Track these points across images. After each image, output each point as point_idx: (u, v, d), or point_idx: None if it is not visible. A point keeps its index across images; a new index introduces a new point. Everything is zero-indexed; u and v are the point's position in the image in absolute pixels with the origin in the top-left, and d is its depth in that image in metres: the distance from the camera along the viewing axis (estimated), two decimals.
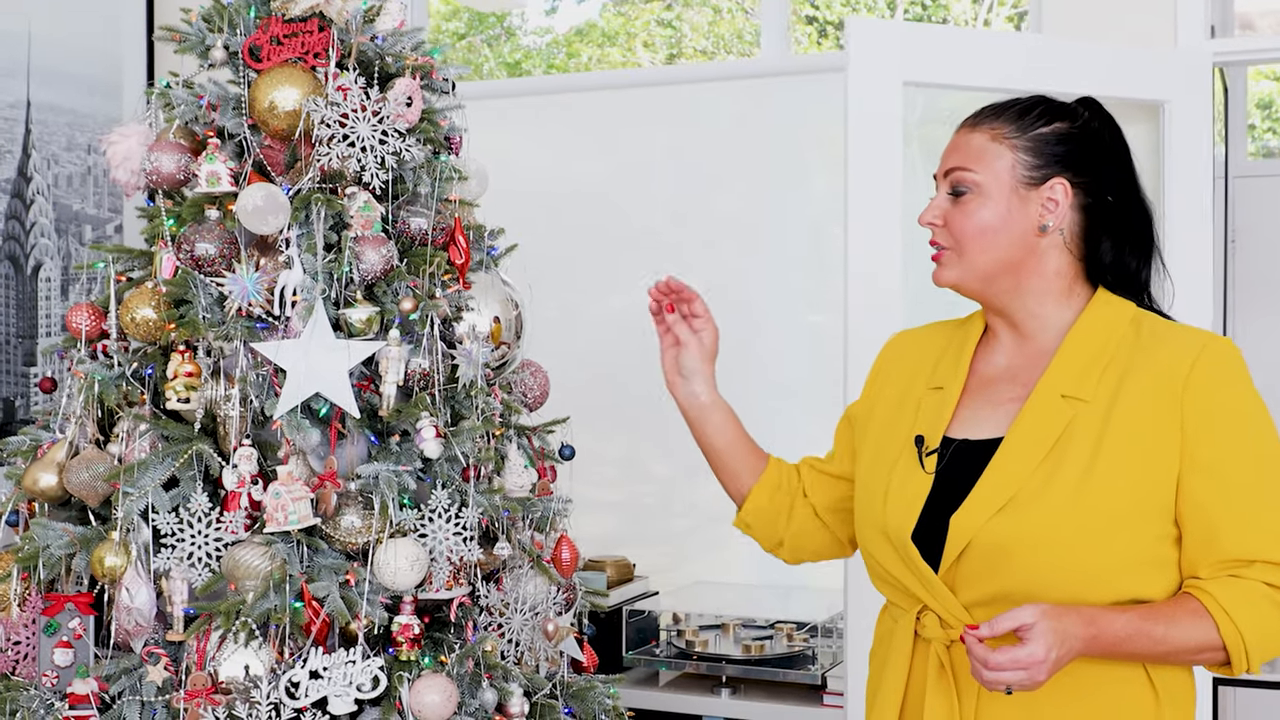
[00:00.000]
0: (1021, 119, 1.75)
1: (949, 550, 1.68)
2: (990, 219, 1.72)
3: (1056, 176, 1.73)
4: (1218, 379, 1.67)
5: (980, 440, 1.74)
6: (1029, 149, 1.73)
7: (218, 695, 1.93)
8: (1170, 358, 1.68)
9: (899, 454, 1.79)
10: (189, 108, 2.17)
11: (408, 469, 2.03)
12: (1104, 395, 1.68)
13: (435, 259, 2.16)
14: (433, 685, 1.98)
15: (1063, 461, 1.65)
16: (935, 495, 1.73)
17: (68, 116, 2.89)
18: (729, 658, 3.18)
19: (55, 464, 2.11)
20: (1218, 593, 1.62)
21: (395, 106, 2.15)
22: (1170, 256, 3.03)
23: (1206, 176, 3.06)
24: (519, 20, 12.87)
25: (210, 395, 2.06)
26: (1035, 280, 1.75)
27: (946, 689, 1.70)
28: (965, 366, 1.82)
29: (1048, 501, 1.64)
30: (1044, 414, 1.69)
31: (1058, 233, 1.74)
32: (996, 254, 1.73)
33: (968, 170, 1.74)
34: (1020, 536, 1.64)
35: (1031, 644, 1.50)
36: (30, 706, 1.99)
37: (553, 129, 3.87)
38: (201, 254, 2.07)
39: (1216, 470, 1.64)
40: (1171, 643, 1.61)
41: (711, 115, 3.75)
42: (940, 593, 1.70)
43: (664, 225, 3.76)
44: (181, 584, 2.00)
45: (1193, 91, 3.02)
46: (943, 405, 1.79)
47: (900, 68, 2.72)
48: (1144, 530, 1.65)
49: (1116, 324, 1.74)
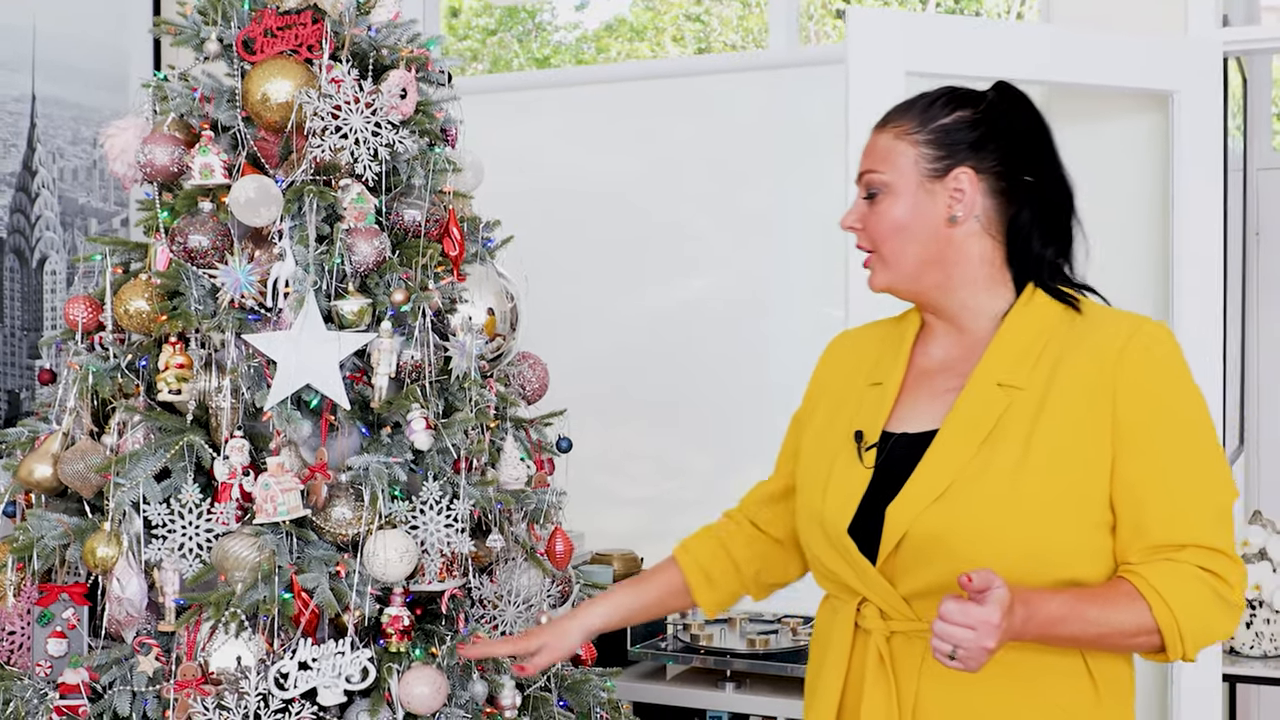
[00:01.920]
0: (924, 113, 1.73)
1: (885, 541, 1.67)
2: (900, 216, 1.72)
3: (960, 166, 1.71)
4: (1149, 363, 1.64)
5: (918, 433, 1.72)
6: (930, 141, 1.72)
7: (208, 686, 1.94)
8: (1102, 342, 1.65)
9: (838, 450, 1.78)
10: (183, 100, 2.18)
11: (398, 461, 2.03)
12: (1039, 382, 1.66)
13: (429, 251, 2.16)
14: (422, 677, 1.98)
15: (998, 450, 1.64)
16: (874, 488, 1.71)
17: (73, 110, 2.91)
18: (734, 652, 3.17)
19: (50, 455, 2.12)
20: (1151, 576, 1.59)
21: (389, 98, 2.15)
22: (1178, 250, 3.03)
23: (1217, 168, 3.02)
24: (549, 16, 12.87)
25: (202, 387, 2.07)
26: (961, 270, 1.74)
27: (885, 681, 1.68)
28: (904, 361, 1.81)
29: (982, 490, 1.62)
30: (979, 403, 1.68)
31: (973, 220, 1.72)
32: (914, 250, 1.73)
33: (875, 171, 1.74)
34: (955, 526, 1.62)
35: (988, 606, 1.46)
36: (24, 696, 2.00)
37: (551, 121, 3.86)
38: (194, 246, 2.07)
39: (1148, 454, 1.61)
40: (1106, 625, 1.58)
41: (720, 108, 3.73)
42: (878, 584, 1.69)
43: (689, 218, 3.74)
44: (173, 575, 2.01)
45: (1203, 81, 2.98)
46: (882, 400, 1.78)
47: (902, 58, 2.70)
48: (1080, 517, 1.62)
49: (1050, 310, 1.72)
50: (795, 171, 3.70)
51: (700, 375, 3.71)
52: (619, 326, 3.78)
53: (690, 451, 3.82)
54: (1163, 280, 3.13)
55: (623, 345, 3.76)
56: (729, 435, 3.72)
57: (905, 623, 1.68)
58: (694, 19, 13.20)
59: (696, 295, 3.76)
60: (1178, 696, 3.01)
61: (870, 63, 2.69)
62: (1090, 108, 3.24)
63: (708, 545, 2.01)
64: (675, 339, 3.73)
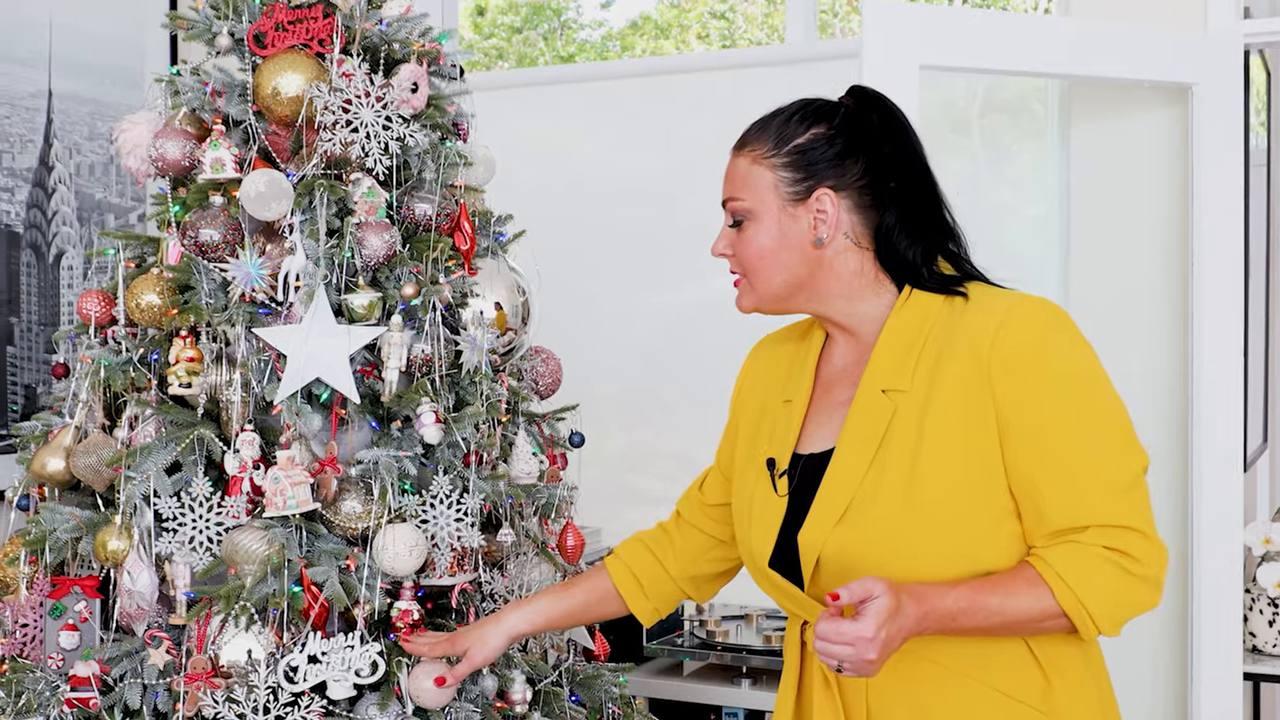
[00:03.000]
0: (779, 133, 1.69)
1: (804, 566, 1.66)
2: (766, 244, 1.69)
3: (820, 187, 1.67)
4: (1023, 341, 1.58)
5: (821, 452, 1.70)
6: (788, 164, 1.68)
7: (218, 679, 1.94)
8: (975, 329, 1.60)
9: (756, 479, 1.77)
10: (195, 95, 2.18)
11: (408, 455, 2.03)
12: (921, 382, 1.62)
13: (439, 245, 2.16)
14: (432, 671, 1.98)
15: (889, 459, 1.61)
16: (790, 515, 1.70)
17: (90, 106, 2.92)
18: (750, 648, 3.16)
19: (63, 449, 2.13)
20: (1053, 559, 1.55)
21: (399, 92, 2.15)
22: (1198, 247, 2.99)
23: (1238, 163, 2.99)
24: (575, 14, 12.88)
25: (213, 381, 2.07)
26: (833, 286, 1.70)
27: (832, 701, 1.68)
28: (810, 375, 1.78)
29: (880, 506, 1.59)
30: (867, 413, 1.64)
31: (842, 237, 1.68)
32: (783, 275, 1.70)
33: (737, 199, 1.71)
34: (862, 543, 1.60)
35: (862, 621, 1.44)
36: (36, 688, 2.01)
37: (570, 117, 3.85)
38: (205, 240, 2.08)
39: (1033, 440, 1.57)
40: (1009, 613, 1.55)
41: (737, 103, 3.70)
42: (810, 607, 1.67)
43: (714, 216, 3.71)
44: (184, 568, 2.02)
45: (1223, 74, 2.95)
46: (791, 420, 1.76)
47: (917, 51, 2.68)
48: (981, 512, 1.59)
49: (931, 304, 1.67)
50: None
51: (726, 373, 3.70)
52: (645, 323, 3.76)
53: (714, 449, 3.80)
54: (1183, 278, 3.10)
55: (649, 342, 3.75)
56: None
57: None
58: (719, 16, 13.18)
59: (721, 293, 3.74)
60: (1198, 696, 2.98)
61: (885, 56, 2.67)
62: (1109, 101, 3.21)
63: (638, 553, 2.00)
64: (701, 336, 3.71)
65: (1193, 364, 3.01)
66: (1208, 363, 2.99)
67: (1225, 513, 2.98)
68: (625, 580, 1.98)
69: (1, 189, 2.73)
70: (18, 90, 2.76)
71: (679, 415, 3.79)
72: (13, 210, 2.75)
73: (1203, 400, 2.98)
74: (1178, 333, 3.11)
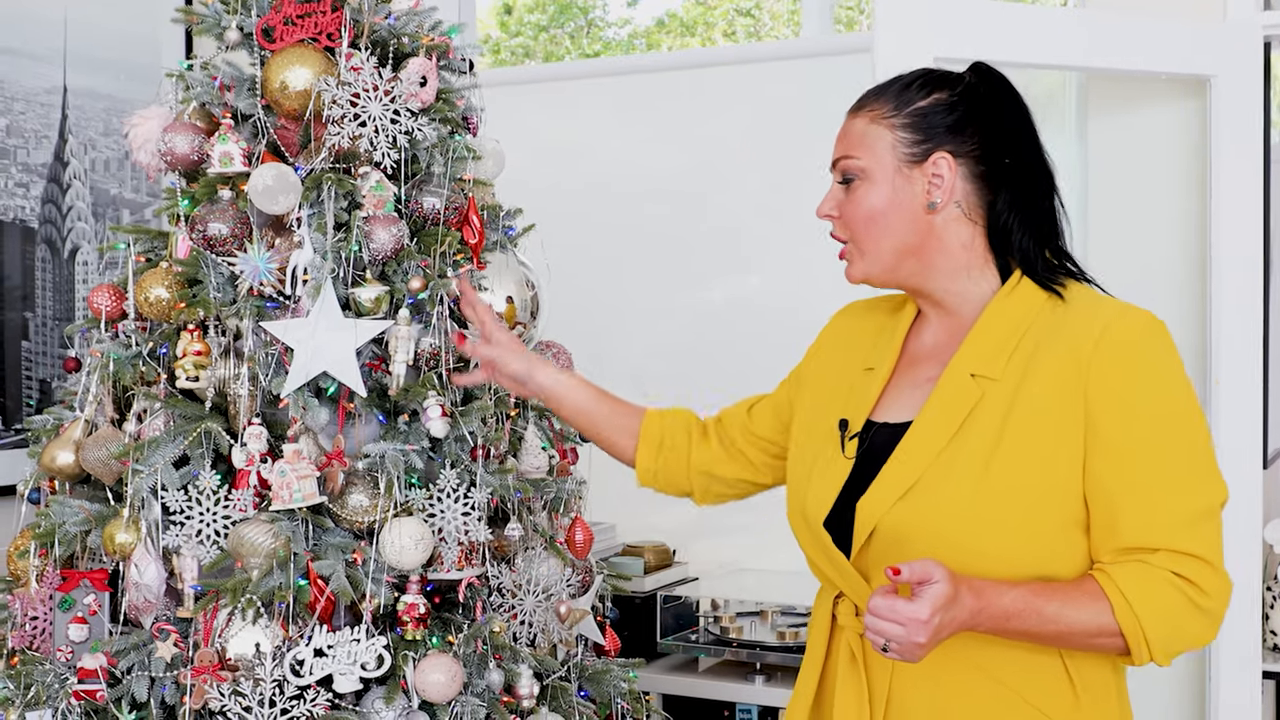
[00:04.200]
0: (900, 96, 1.68)
1: (857, 536, 1.63)
2: (877, 204, 1.66)
3: (939, 150, 1.66)
4: (1125, 354, 1.56)
5: (897, 423, 1.68)
6: (907, 125, 1.66)
7: (224, 672, 1.94)
8: (1078, 332, 1.59)
9: (825, 438, 1.74)
10: (205, 89, 2.19)
11: (415, 448, 2.03)
12: (1013, 374, 1.60)
13: (447, 238, 2.15)
14: (438, 665, 1.98)
15: (966, 444, 1.58)
16: (853, 480, 1.67)
17: (105, 102, 2.93)
18: (763, 644, 3.15)
19: (72, 442, 2.14)
20: (1118, 575, 1.53)
21: (408, 86, 2.14)
22: (1216, 241, 2.96)
23: (1256, 156, 2.96)
24: (602, 13, 12.87)
25: (221, 374, 2.08)
26: (941, 258, 1.68)
27: (857, 678, 1.65)
28: (897, 346, 1.76)
29: (949, 488, 1.57)
30: (952, 395, 1.62)
31: (954, 206, 1.67)
32: (892, 240, 1.67)
33: (851, 157, 1.69)
34: (920, 524, 1.57)
35: (918, 602, 1.42)
36: (45, 680, 2.02)
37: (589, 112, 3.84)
38: (214, 234, 2.08)
39: (1120, 452, 1.55)
40: (1064, 623, 1.52)
41: (744, 97, 3.68)
42: (853, 578, 1.65)
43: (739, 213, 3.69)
44: (191, 561, 2.02)
45: (1242, 66, 2.91)
46: (870, 387, 1.74)
47: (931, 43, 2.65)
48: (1050, 515, 1.57)
49: (1035, 298, 1.66)
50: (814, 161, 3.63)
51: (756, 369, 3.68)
52: (674, 321, 3.74)
53: None
54: (1202, 273, 3.07)
55: (678, 340, 3.72)
56: None
57: None
58: (744, 13, 13.15)
59: (753, 290, 3.72)
60: (1216, 693, 2.95)
61: (898, 48, 2.65)
62: (1126, 94, 3.18)
63: (676, 422, 2.00)
64: (731, 333, 3.69)
65: (1212, 360, 2.98)
66: (1227, 359, 2.96)
67: (1245, 510, 2.94)
68: (650, 432, 1.97)
69: (16, 184, 2.75)
70: (32, 86, 2.77)
71: (708, 412, 3.77)
72: (28, 206, 2.76)
73: (1223, 397, 2.95)
74: (1197, 328, 3.08)
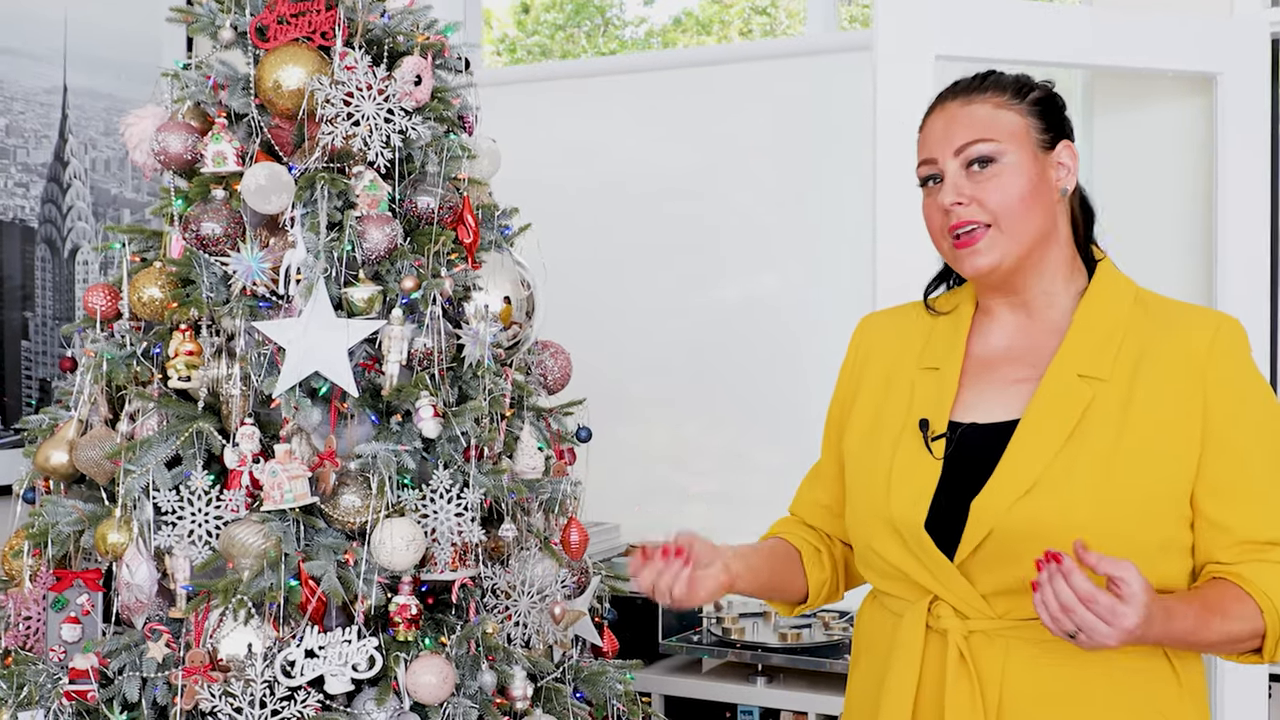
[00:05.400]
0: (1011, 87, 1.69)
1: (968, 538, 1.60)
2: (1027, 186, 1.65)
3: (1062, 139, 1.69)
4: (1235, 359, 1.63)
5: (991, 424, 1.66)
6: (1035, 113, 1.68)
7: (215, 672, 1.94)
8: (1187, 337, 1.63)
9: (898, 439, 1.70)
10: (199, 89, 2.18)
11: (407, 449, 2.02)
12: (1122, 375, 1.62)
13: (441, 238, 2.14)
14: (429, 666, 1.97)
15: (1085, 443, 1.59)
16: (945, 482, 1.65)
17: (106, 101, 2.93)
18: (766, 646, 3.13)
19: (67, 442, 2.14)
20: (1255, 578, 1.56)
21: (402, 85, 2.14)
22: (1222, 240, 2.93)
23: (1264, 154, 2.93)
24: (618, 12, 12.88)
25: (214, 374, 2.07)
26: (1056, 250, 1.70)
27: (968, 680, 1.62)
28: (961, 346, 1.74)
29: (1074, 485, 1.57)
30: (1062, 394, 1.62)
31: (1064, 198, 1.70)
32: (1036, 224, 1.66)
33: (988, 140, 1.65)
34: (1046, 522, 1.56)
35: (1132, 607, 1.42)
36: (37, 680, 2.02)
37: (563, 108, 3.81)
38: (207, 233, 2.08)
39: (1237, 451, 1.59)
40: (1225, 634, 1.56)
41: (742, 95, 3.65)
42: (957, 582, 1.62)
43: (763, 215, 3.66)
44: (183, 561, 2.02)
45: (1249, 63, 2.89)
46: (943, 387, 1.71)
47: (932, 40, 2.63)
48: (1167, 513, 1.60)
49: (1122, 300, 1.69)
50: (822, 158, 3.61)
51: (771, 369, 3.65)
52: (690, 320, 3.71)
53: (760, 447, 3.75)
54: (1208, 273, 3.04)
55: (694, 339, 3.70)
56: (799, 431, 3.64)
57: (985, 621, 1.62)
58: (760, 11, 13.10)
59: (769, 288, 3.69)
60: (1221, 695, 2.92)
61: (899, 45, 2.63)
62: (1132, 91, 3.15)
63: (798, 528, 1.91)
64: (747, 332, 3.66)
65: None
66: None
67: None
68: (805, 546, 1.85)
69: (16, 184, 2.75)
70: (32, 86, 2.77)
71: (723, 412, 3.75)
72: (27, 205, 2.76)
73: None
74: None
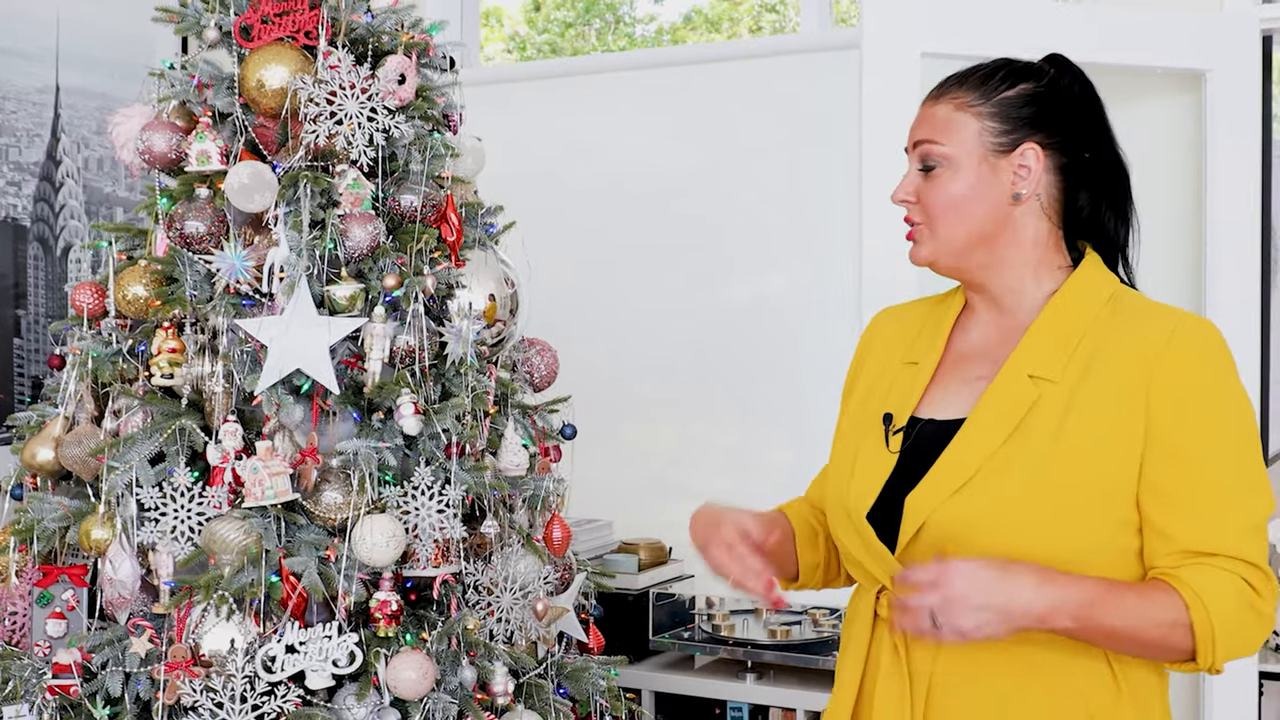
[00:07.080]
0: (985, 84, 1.68)
1: (904, 530, 1.63)
2: (959, 191, 1.66)
3: (1026, 141, 1.66)
4: (1189, 361, 1.58)
5: (946, 420, 1.67)
6: (995, 115, 1.66)
7: (197, 668, 1.95)
8: (1141, 337, 1.60)
9: (867, 432, 1.74)
10: (183, 88, 2.20)
11: (388, 445, 2.03)
12: (1072, 375, 1.61)
13: (424, 236, 2.15)
14: (409, 662, 1.98)
15: (1024, 444, 1.59)
16: (897, 475, 1.67)
17: (98, 101, 2.95)
18: (755, 642, 3.14)
19: (52, 439, 2.15)
20: (1190, 579, 1.53)
21: (386, 84, 2.15)
22: (1212, 238, 2.93)
23: (1254, 151, 2.93)
24: (629, 9, 12.88)
25: (198, 372, 2.09)
26: (1012, 251, 1.69)
27: (899, 673, 1.64)
28: (941, 342, 1.76)
29: (1005, 485, 1.57)
30: (1009, 394, 1.63)
31: (1034, 199, 1.68)
32: (969, 227, 1.67)
33: (935, 143, 1.67)
34: (975, 520, 1.57)
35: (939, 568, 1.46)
36: (22, 675, 2.03)
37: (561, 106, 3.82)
38: (191, 232, 2.09)
39: (1180, 458, 1.55)
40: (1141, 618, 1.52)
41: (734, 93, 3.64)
42: (896, 573, 1.64)
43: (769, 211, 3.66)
44: (166, 557, 2.03)
45: (1239, 60, 2.88)
46: (914, 382, 1.73)
47: (918, 38, 2.64)
48: (1105, 516, 1.57)
49: (1092, 301, 1.67)
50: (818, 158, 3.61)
51: (776, 368, 3.65)
52: (695, 319, 3.72)
53: (765, 446, 3.76)
54: (1197, 271, 3.04)
55: (699, 338, 3.70)
56: (803, 430, 3.63)
57: None
58: (770, 9, 13.09)
59: (775, 288, 3.69)
60: (1211, 693, 2.92)
61: (885, 42, 2.63)
62: (1120, 88, 3.14)
63: (804, 507, 1.92)
64: (752, 332, 3.66)
65: None
66: None
67: None
68: (801, 525, 1.85)
69: (9, 183, 2.77)
70: (24, 85, 2.79)
71: (728, 411, 3.75)
72: (19, 204, 2.78)
73: None
74: None
